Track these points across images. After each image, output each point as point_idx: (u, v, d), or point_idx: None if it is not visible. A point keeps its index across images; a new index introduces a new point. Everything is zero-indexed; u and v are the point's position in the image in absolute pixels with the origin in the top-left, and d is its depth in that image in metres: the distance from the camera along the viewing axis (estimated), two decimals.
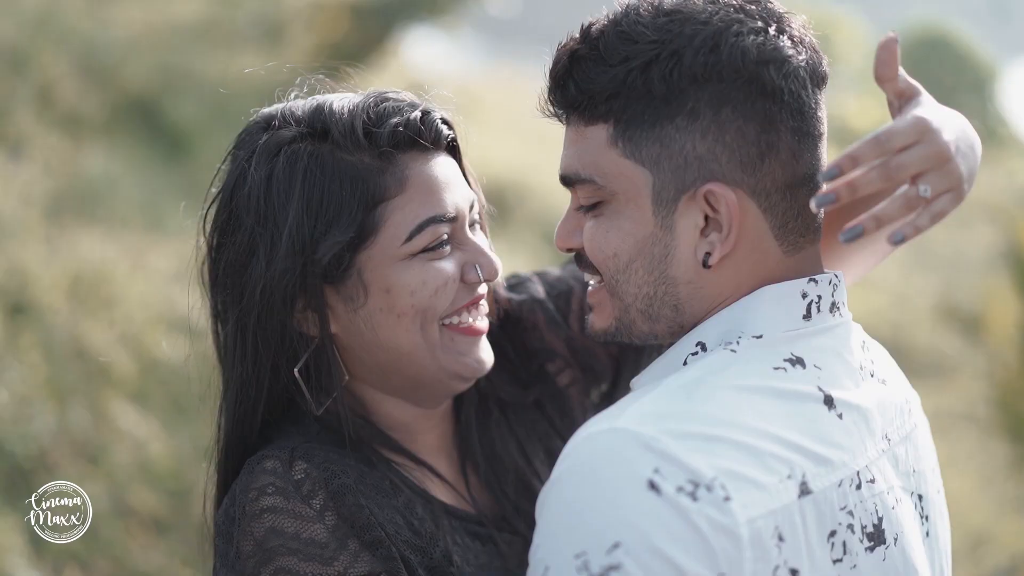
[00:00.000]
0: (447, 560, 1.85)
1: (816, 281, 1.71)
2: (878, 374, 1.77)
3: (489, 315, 1.99)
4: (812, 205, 1.66)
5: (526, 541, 1.82)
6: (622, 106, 1.66)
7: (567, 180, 1.75)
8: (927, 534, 1.80)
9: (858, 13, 9.29)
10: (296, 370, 1.84)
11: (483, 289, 1.92)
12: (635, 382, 1.79)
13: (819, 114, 1.71)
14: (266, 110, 1.91)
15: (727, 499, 1.47)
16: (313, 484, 1.77)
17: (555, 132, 1.78)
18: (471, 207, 1.91)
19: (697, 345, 1.71)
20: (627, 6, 1.69)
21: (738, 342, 1.65)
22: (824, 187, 1.66)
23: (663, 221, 1.68)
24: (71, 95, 7.76)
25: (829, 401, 1.63)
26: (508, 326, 2.14)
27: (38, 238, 6.00)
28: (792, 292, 1.69)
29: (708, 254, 1.67)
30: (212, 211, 1.89)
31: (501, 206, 3.34)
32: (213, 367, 1.94)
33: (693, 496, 1.45)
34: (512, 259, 5.36)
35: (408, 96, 1.90)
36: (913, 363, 8.27)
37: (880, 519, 1.66)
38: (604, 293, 1.77)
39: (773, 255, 1.70)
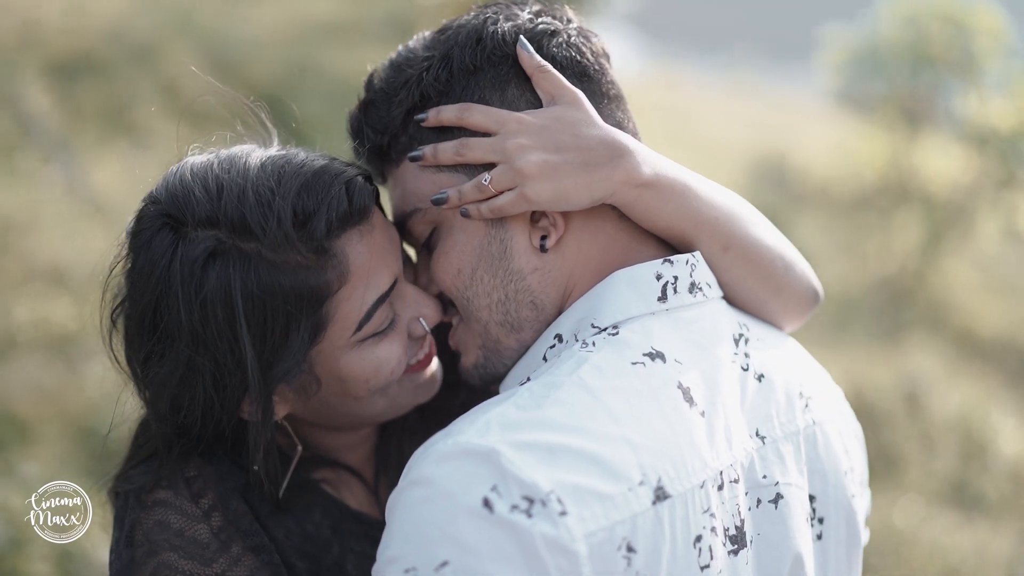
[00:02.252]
0: (338, 568, 1.82)
1: (671, 262, 1.68)
2: (754, 367, 1.69)
3: None
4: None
5: None
6: (417, 127, 1.71)
7: (400, 224, 1.80)
8: (819, 536, 1.73)
9: (1003, 13, 8.91)
10: (255, 467, 1.76)
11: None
12: (503, 384, 1.78)
13: (609, 78, 1.76)
14: (163, 196, 1.69)
15: (563, 514, 1.41)
16: (204, 483, 1.74)
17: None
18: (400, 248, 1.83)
19: (555, 338, 1.68)
20: (402, 45, 1.77)
21: (594, 344, 1.60)
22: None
23: (492, 219, 1.69)
24: (198, 89, 7.91)
25: (690, 398, 1.57)
26: (441, 326, 2.05)
27: None
28: (646, 275, 1.66)
29: (544, 238, 1.68)
30: (122, 310, 1.74)
31: None
32: None
33: (528, 513, 1.40)
34: None
35: (317, 154, 1.73)
36: None
37: (742, 521, 1.58)
38: (465, 331, 1.77)
39: (610, 220, 1.70)
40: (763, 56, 13.10)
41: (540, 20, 1.73)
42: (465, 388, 2.04)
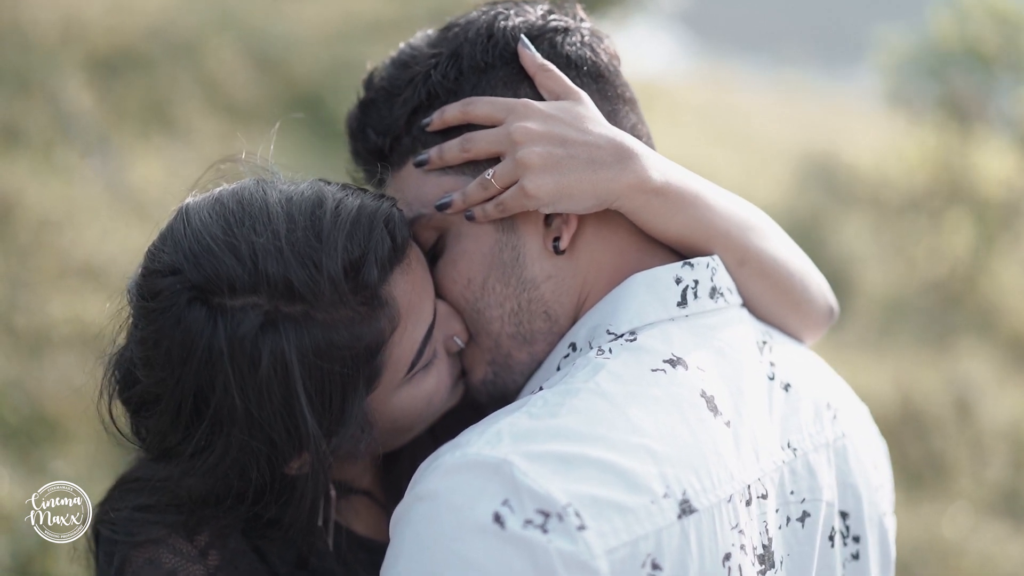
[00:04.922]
0: None
1: (692, 265, 1.58)
2: (780, 376, 1.58)
3: None
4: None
5: None
6: (421, 129, 1.61)
7: None
8: (855, 556, 1.61)
9: None
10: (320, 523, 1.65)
11: None
12: (520, 395, 1.67)
13: (622, 80, 1.67)
14: (185, 265, 1.49)
15: (581, 528, 1.30)
16: (201, 518, 1.60)
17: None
18: None
19: (569, 347, 1.59)
20: (404, 43, 1.67)
21: (610, 350, 1.49)
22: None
23: (502, 223, 1.59)
24: (240, 86, 7.90)
25: (714, 407, 1.46)
26: None
27: None
28: (665, 278, 1.57)
29: (557, 239, 1.57)
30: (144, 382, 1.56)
31: None
32: None
33: (543, 528, 1.29)
34: None
35: (337, 187, 1.57)
36: None
37: (770, 540, 1.47)
38: (472, 346, 1.67)
39: (622, 227, 1.60)
40: (812, 56, 12.94)
41: (552, 17, 1.64)
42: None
